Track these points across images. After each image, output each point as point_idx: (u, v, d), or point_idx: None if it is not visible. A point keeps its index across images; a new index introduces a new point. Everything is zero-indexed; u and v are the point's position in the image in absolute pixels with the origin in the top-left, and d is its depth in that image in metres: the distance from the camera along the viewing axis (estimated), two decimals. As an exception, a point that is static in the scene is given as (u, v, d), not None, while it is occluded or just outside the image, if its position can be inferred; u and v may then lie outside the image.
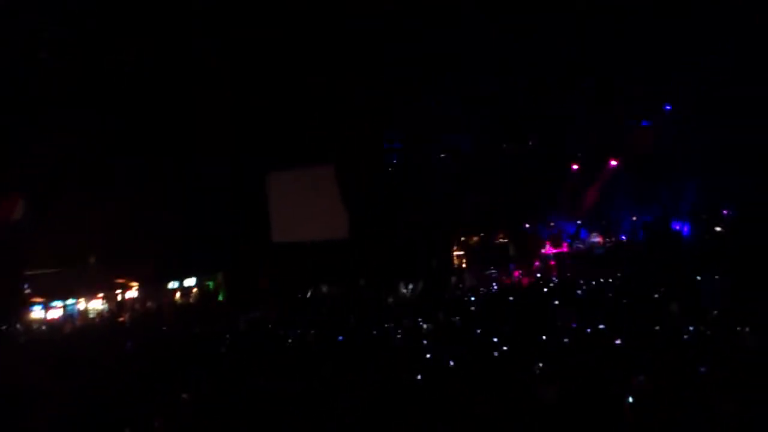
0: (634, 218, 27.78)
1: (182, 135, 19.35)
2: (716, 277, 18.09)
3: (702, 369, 9.39)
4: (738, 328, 11.83)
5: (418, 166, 26.71)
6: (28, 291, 22.32)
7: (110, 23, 15.26)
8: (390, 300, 21.59)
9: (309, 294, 24.19)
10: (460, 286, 24.39)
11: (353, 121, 20.58)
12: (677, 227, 26.33)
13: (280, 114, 19.30)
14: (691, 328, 12.24)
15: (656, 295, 15.97)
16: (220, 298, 27.56)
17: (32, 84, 15.61)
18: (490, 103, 20.17)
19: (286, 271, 24.39)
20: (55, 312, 24.53)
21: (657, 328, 12.63)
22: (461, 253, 29.97)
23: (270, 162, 23.40)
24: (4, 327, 20.22)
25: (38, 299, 23.49)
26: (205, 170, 21.92)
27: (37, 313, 23.75)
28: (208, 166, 21.79)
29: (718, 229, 26.58)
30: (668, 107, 22.83)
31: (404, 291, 22.82)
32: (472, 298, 20.15)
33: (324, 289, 24.51)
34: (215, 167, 21.93)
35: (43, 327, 22.75)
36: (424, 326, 15.43)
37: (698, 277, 18.31)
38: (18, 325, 21.29)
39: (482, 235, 30.10)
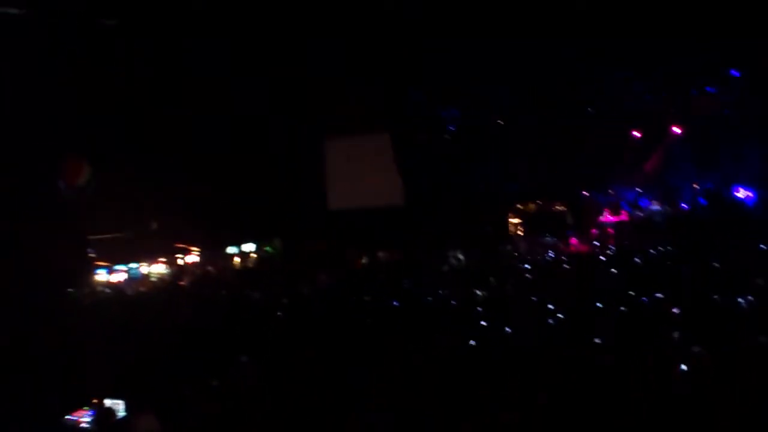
0: (696, 186, 27.15)
1: (243, 101, 19.47)
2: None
3: (762, 339, 9.23)
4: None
5: (475, 133, 26.49)
6: (92, 254, 22.92)
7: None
8: (444, 267, 21.61)
9: (364, 260, 24.35)
10: (516, 253, 24.23)
11: (410, 87, 20.48)
12: (741, 196, 25.67)
13: (337, 81, 19.27)
14: (750, 298, 12.01)
15: (716, 265, 15.62)
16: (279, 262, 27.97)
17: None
18: (550, 70, 19.81)
19: (342, 237, 24.57)
20: (119, 275, 25.24)
21: (716, 297, 12.41)
22: (517, 220, 29.77)
23: (327, 129, 23.49)
24: (70, 289, 20.83)
25: (102, 263, 24.16)
26: (264, 137, 22.10)
27: (101, 276, 24.46)
28: (268, 132, 21.95)
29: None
30: (735, 73, 22.12)
31: (459, 258, 22.77)
32: (527, 266, 20.03)
33: (379, 255, 24.63)
34: (274, 134, 22.10)
35: (107, 290, 23.43)
36: (479, 293, 15.42)
37: (762, 246, 17.88)
38: (84, 288, 21.93)
39: (539, 202, 29.82)
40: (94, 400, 9.44)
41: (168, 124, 19.24)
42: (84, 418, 9.34)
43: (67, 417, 9.40)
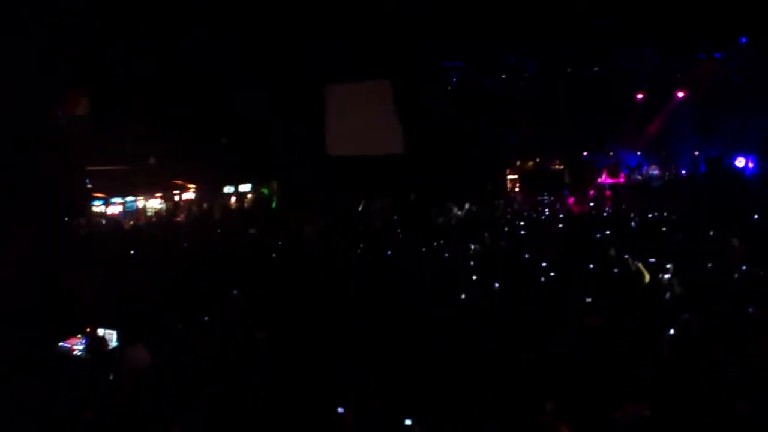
0: (696, 152, 27.11)
1: (243, 45, 19.28)
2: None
3: (750, 309, 9.33)
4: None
5: (478, 86, 26.31)
6: (90, 186, 22.86)
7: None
8: (440, 219, 21.66)
9: (360, 207, 24.36)
10: (510, 209, 24.28)
11: (414, 36, 20.24)
12: (741, 164, 25.68)
13: (339, 27, 19.03)
14: (743, 268, 12.10)
15: (711, 232, 15.70)
16: (273, 205, 28.01)
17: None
18: (555, 26, 19.58)
19: (339, 183, 24.55)
20: (115, 208, 25.23)
21: (709, 265, 12.49)
22: (515, 176, 29.80)
23: (328, 74, 23.26)
24: (67, 219, 20.83)
25: (99, 194, 24.11)
26: (264, 79, 21.91)
27: (97, 207, 24.44)
28: (267, 75, 21.75)
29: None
30: (743, 40, 21.89)
31: (455, 211, 22.80)
32: (522, 223, 20.09)
33: (375, 203, 24.64)
34: (274, 77, 21.91)
35: (103, 221, 23.46)
36: (472, 247, 15.50)
37: (756, 216, 17.96)
38: (81, 219, 21.91)
39: (538, 160, 29.81)
40: (88, 329, 9.52)
41: (173, 61, 19.05)
42: (77, 345, 9.44)
43: (60, 344, 9.50)
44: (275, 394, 7.44)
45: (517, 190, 28.83)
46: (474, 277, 12.30)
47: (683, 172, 27.46)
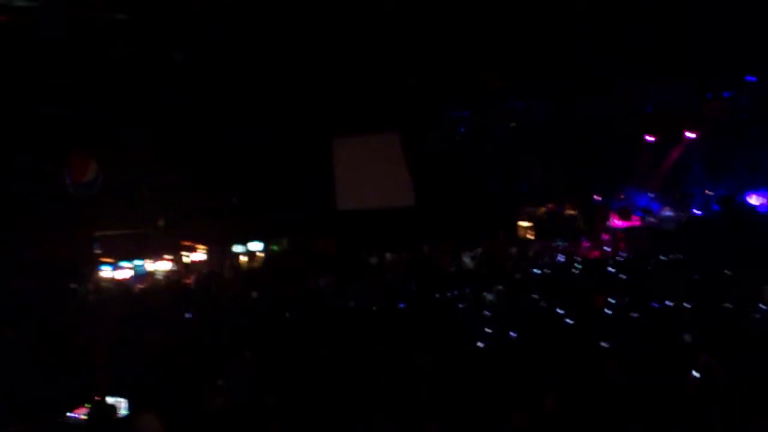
0: (709, 192, 26.91)
1: (249, 100, 19.38)
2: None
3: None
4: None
5: (486, 134, 26.35)
6: (98, 251, 22.87)
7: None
8: (453, 269, 21.47)
9: (373, 260, 24.24)
10: (526, 257, 24.05)
11: (420, 87, 20.32)
12: (754, 202, 25.43)
13: (346, 80, 19.14)
14: (763, 307, 11.85)
15: (728, 272, 15.43)
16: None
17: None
18: (562, 71, 19.64)
19: (350, 237, 24.45)
20: (124, 272, 25.17)
21: (728, 305, 12.24)
22: (528, 224, 29.58)
23: (336, 129, 23.35)
24: (74, 285, 20.78)
25: (108, 259, 24.10)
26: (272, 136, 22.02)
27: (106, 272, 24.40)
28: (276, 131, 21.86)
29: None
30: (751, 78, 21.89)
31: (468, 260, 22.63)
32: (537, 271, 19.87)
33: (387, 256, 24.52)
34: (282, 133, 22.01)
35: (112, 286, 23.38)
36: (487, 296, 15.28)
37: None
38: (88, 284, 21.88)
39: (549, 205, 29.63)
40: (96, 398, 9.32)
41: (175, 120, 19.12)
42: (85, 415, 9.21)
43: (68, 413, 9.28)
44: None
45: (529, 236, 28.57)
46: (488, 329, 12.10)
47: (696, 212, 27.21)
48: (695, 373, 8.25)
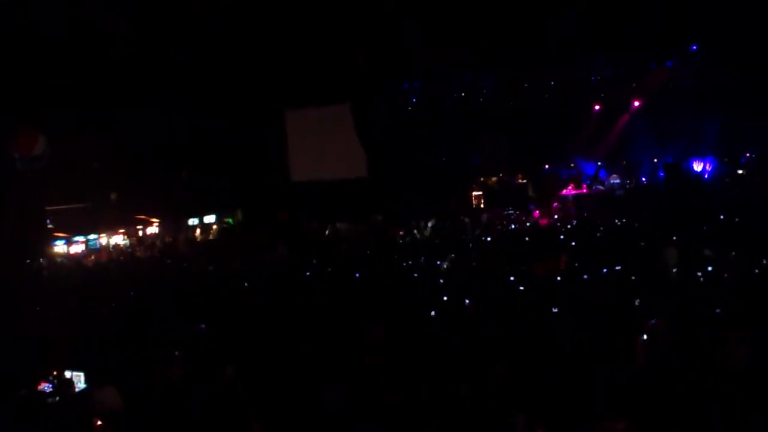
0: (655, 160, 27.52)
1: (200, 72, 19.19)
2: (736, 219, 18.03)
3: (717, 311, 9.41)
4: (756, 270, 11.84)
5: (437, 105, 26.49)
6: (51, 226, 22.55)
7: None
8: (407, 239, 21.66)
9: (327, 232, 24.31)
10: (477, 225, 24.35)
11: (372, 59, 20.32)
12: (698, 169, 26.12)
13: (297, 52, 19.05)
14: (709, 269, 12.23)
15: (675, 237, 15.87)
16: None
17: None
18: (511, 43, 19.81)
19: (304, 209, 24.46)
20: (78, 246, 24.83)
21: (675, 270, 12.63)
22: (479, 193, 29.90)
23: (289, 100, 23.23)
24: (28, 261, 20.50)
25: (61, 234, 23.74)
26: (225, 108, 21.84)
27: (60, 247, 24.06)
28: (229, 105, 21.69)
29: (740, 171, 26.35)
30: (694, 48, 22.34)
31: (421, 230, 22.85)
32: (488, 239, 20.15)
33: (341, 227, 24.61)
34: (235, 106, 21.84)
35: (65, 261, 23.07)
36: (441, 265, 15.49)
37: (721, 216, 18.27)
38: (42, 259, 21.58)
39: (501, 175, 29.99)
40: (54, 372, 9.31)
41: (131, 93, 18.86)
42: (44, 390, 9.20)
43: (26, 389, 9.26)
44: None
45: (482, 206, 28.90)
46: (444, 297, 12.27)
47: (643, 179, 27.83)
48: (644, 336, 8.52)
